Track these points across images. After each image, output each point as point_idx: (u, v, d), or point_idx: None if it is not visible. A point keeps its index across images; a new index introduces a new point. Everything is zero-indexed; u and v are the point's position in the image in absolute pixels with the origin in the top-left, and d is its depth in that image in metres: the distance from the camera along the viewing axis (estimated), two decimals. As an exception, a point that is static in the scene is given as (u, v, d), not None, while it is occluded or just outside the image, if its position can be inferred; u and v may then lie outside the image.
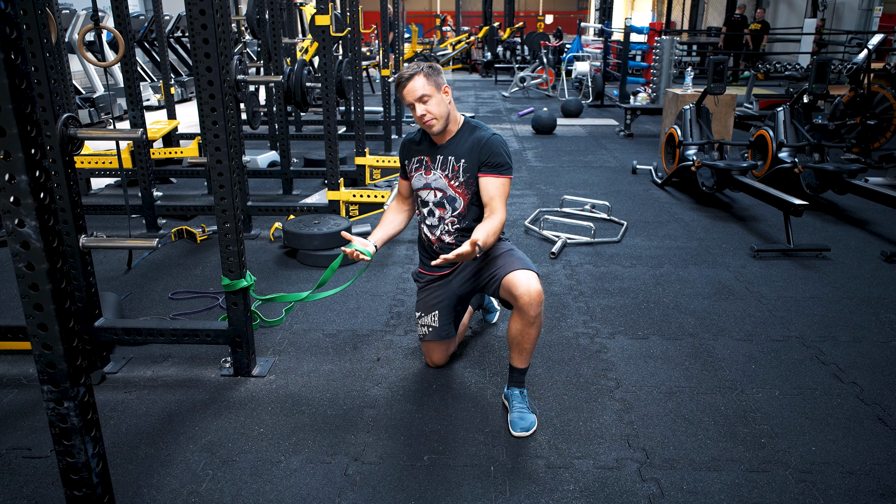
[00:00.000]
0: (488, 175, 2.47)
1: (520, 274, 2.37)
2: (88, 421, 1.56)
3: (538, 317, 2.34)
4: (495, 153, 2.47)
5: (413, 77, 2.42)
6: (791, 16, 16.87)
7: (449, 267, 2.64)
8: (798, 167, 4.97)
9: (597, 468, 2.17)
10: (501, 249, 2.56)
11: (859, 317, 3.26)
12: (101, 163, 5.28)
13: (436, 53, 17.23)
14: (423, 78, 2.41)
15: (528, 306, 2.32)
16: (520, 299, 2.33)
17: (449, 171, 2.53)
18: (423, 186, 2.60)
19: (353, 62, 6.11)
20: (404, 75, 2.44)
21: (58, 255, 1.42)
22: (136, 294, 3.53)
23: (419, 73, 2.42)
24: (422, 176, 2.60)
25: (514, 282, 2.36)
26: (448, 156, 2.53)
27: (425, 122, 2.47)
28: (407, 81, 2.42)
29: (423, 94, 2.41)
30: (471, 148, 2.49)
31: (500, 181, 2.48)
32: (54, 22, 2.60)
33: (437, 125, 2.47)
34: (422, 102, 2.42)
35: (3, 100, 1.27)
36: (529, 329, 2.36)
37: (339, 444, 2.28)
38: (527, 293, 2.31)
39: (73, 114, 2.36)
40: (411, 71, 2.44)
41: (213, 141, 2.41)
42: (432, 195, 2.59)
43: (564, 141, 8.12)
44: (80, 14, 8.61)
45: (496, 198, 2.46)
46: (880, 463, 2.19)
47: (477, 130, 2.53)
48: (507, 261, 2.47)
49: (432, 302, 2.69)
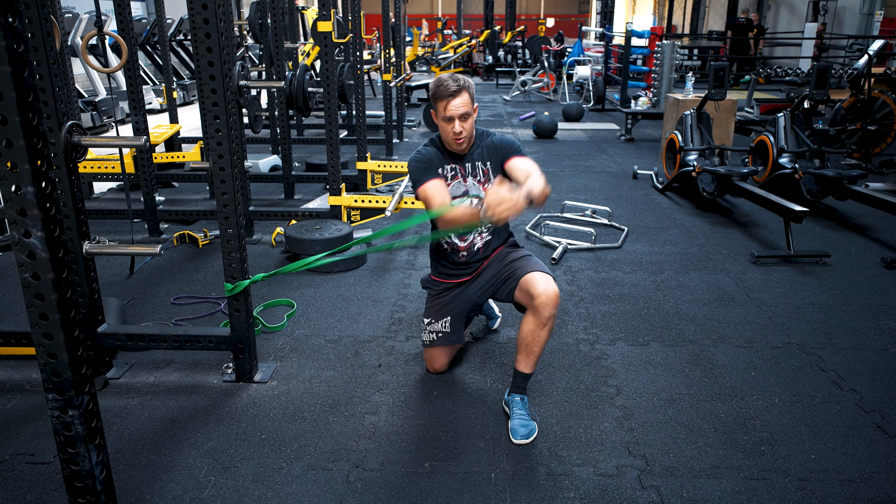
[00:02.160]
0: (514, 158, 2.50)
1: (538, 275, 2.41)
2: (93, 429, 1.57)
3: (551, 318, 2.36)
4: (509, 145, 2.54)
5: (460, 92, 2.35)
6: (792, 20, 16.89)
7: (468, 274, 2.67)
8: (798, 173, 4.97)
9: (597, 475, 2.18)
10: (518, 254, 2.60)
11: (859, 324, 3.27)
12: (103, 168, 5.30)
13: (437, 57, 17.26)
14: (468, 96, 2.38)
15: (543, 306, 2.34)
16: (537, 298, 2.35)
17: (481, 177, 2.58)
18: (462, 194, 2.60)
19: (354, 66, 6.13)
20: (450, 87, 2.35)
21: (63, 265, 1.44)
22: (138, 299, 3.55)
23: (465, 90, 2.36)
24: (460, 184, 2.60)
25: (532, 281, 2.39)
26: (476, 162, 2.57)
27: (458, 140, 2.45)
28: (454, 97, 2.35)
29: (465, 112, 2.39)
30: (489, 151, 2.56)
31: (523, 160, 2.50)
32: (58, 29, 2.61)
33: (463, 144, 2.49)
34: (462, 120, 2.40)
35: (11, 112, 1.29)
36: (541, 331, 2.37)
37: (341, 450, 2.30)
38: (544, 292, 2.34)
39: (76, 121, 2.37)
40: (458, 83, 2.36)
41: (217, 148, 2.42)
42: (468, 202, 2.58)
43: (565, 145, 8.14)
44: (82, 18, 8.63)
45: (532, 169, 2.39)
46: (879, 471, 2.19)
47: (485, 135, 2.59)
48: (525, 263, 2.52)
49: (446, 308, 2.70)
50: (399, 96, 8.27)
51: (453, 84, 2.37)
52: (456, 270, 2.69)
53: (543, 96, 12.69)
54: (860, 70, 6.28)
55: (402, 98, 8.42)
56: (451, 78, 2.40)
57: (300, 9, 9.79)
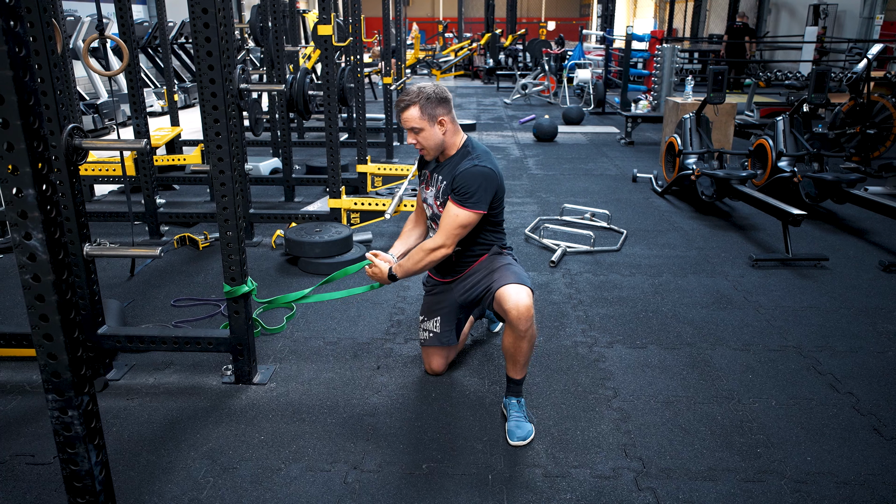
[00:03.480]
0: (450, 200, 2.46)
1: (510, 288, 2.37)
2: (92, 429, 1.58)
3: (528, 331, 2.35)
4: (465, 183, 2.40)
5: (408, 107, 2.42)
6: (792, 23, 16.92)
7: (451, 276, 2.68)
8: (797, 176, 4.99)
9: (593, 477, 2.19)
10: (500, 263, 2.58)
11: (857, 327, 3.28)
12: (104, 170, 5.32)
13: (438, 60, 17.29)
14: (418, 110, 2.41)
15: (516, 321, 2.33)
16: (509, 314, 2.34)
17: (436, 190, 2.58)
18: (423, 200, 2.70)
19: (354, 69, 6.16)
20: (401, 102, 2.44)
21: (63, 267, 1.45)
22: (138, 301, 3.56)
23: (415, 104, 2.41)
24: (423, 190, 2.69)
25: (504, 296, 2.37)
26: (439, 175, 2.57)
27: (417, 149, 2.54)
28: (402, 111, 2.44)
29: (413, 126, 2.45)
30: (452, 172, 2.49)
31: (455, 210, 2.42)
32: (60, 33, 2.63)
33: (427, 154, 2.54)
34: (413, 133, 2.47)
35: (12, 115, 1.30)
36: (520, 342, 2.37)
37: (339, 451, 2.31)
38: (515, 308, 2.33)
39: (77, 124, 2.39)
40: (409, 99, 2.42)
41: (216, 151, 2.44)
42: (428, 209, 2.68)
43: (565, 148, 8.15)
44: (84, 21, 8.66)
45: (443, 223, 2.45)
46: (875, 473, 2.20)
47: (467, 157, 2.48)
48: (502, 274, 2.48)
49: (435, 307, 2.73)
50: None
51: (404, 97, 2.44)
52: (442, 269, 2.71)
53: (544, 99, 12.72)
54: (860, 74, 6.29)
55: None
56: (407, 91, 2.45)
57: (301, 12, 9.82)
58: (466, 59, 18.02)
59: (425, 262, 2.49)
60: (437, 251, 2.46)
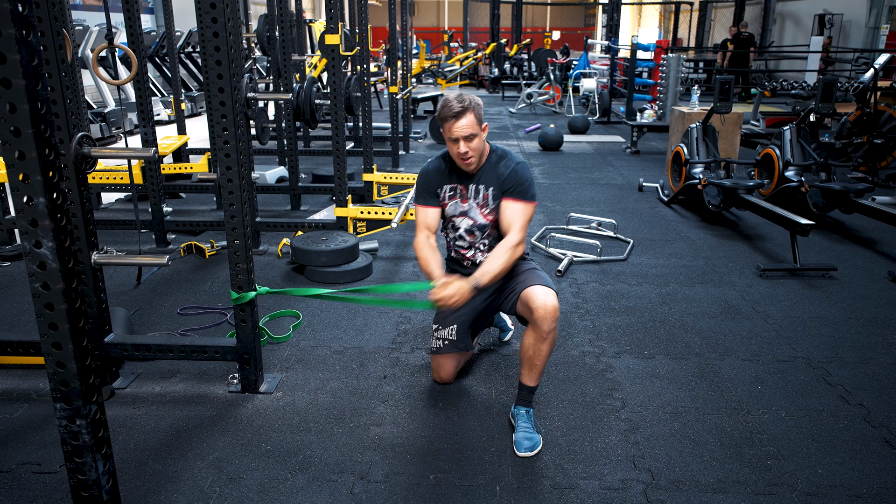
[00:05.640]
0: (509, 199, 2.51)
1: (538, 288, 2.42)
2: (100, 438, 1.58)
3: (551, 332, 2.36)
4: (519, 180, 2.52)
5: (465, 113, 2.36)
6: (798, 33, 16.93)
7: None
8: (805, 186, 4.97)
9: (602, 489, 2.17)
10: (524, 268, 2.61)
11: (866, 337, 3.26)
12: (112, 178, 5.33)
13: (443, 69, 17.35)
14: (473, 117, 2.38)
15: (542, 320, 2.34)
16: (535, 312, 2.36)
17: (480, 200, 2.59)
18: (459, 214, 2.64)
19: (361, 79, 6.18)
20: (454, 108, 2.36)
21: (73, 275, 1.45)
22: (145, 309, 3.56)
23: (470, 111, 2.37)
24: (457, 204, 2.64)
25: (531, 295, 2.40)
26: (479, 185, 2.57)
27: (465, 160, 2.48)
28: (457, 118, 2.37)
29: (469, 133, 2.40)
30: (498, 176, 2.53)
31: (521, 206, 2.51)
32: (70, 42, 2.65)
33: (474, 163, 2.51)
34: (467, 141, 2.42)
35: (24, 124, 1.30)
36: (541, 345, 2.38)
37: (346, 462, 2.30)
38: (542, 306, 2.35)
39: (86, 132, 2.40)
40: (462, 104, 2.36)
41: (225, 160, 2.44)
42: (466, 222, 2.64)
43: (571, 158, 8.15)
44: (93, 30, 8.73)
45: (515, 221, 2.49)
46: (887, 486, 2.18)
47: (504, 158, 2.57)
48: (528, 277, 2.53)
49: (451, 315, 2.70)
50: (405, 108, 8.32)
51: (457, 105, 2.37)
52: (466, 276, 2.68)
53: (549, 109, 12.73)
54: (866, 83, 6.29)
55: (408, 110, 8.46)
56: (457, 98, 2.40)
57: (308, 21, 9.87)
58: (471, 69, 18.08)
59: (512, 258, 2.46)
60: (519, 246, 2.48)
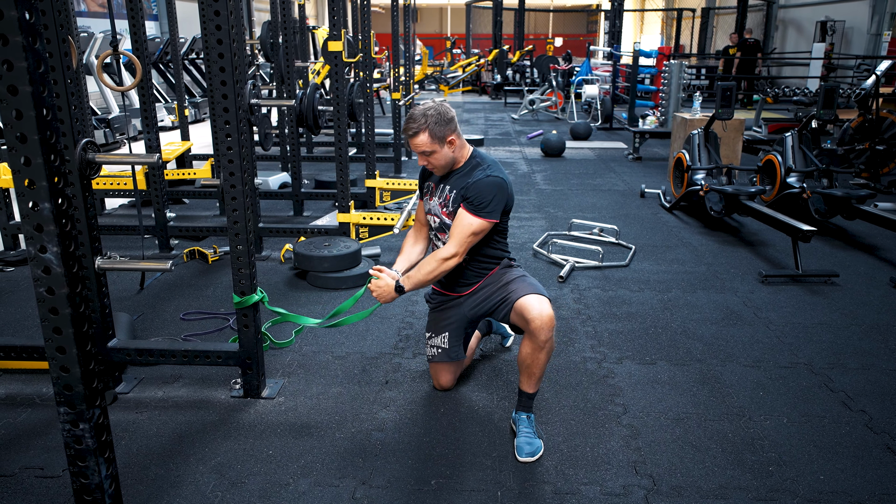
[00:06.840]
0: (463, 208, 2.48)
1: (532, 298, 2.40)
2: (103, 443, 1.58)
3: (548, 341, 2.36)
4: (479, 193, 2.44)
5: (417, 135, 2.43)
6: (800, 40, 16.95)
7: (466, 288, 2.67)
8: (807, 192, 4.98)
9: (603, 494, 2.17)
10: (513, 275, 2.59)
11: (868, 344, 3.26)
12: (115, 184, 5.36)
13: (446, 76, 17.41)
14: (427, 136, 2.42)
15: (538, 330, 2.34)
16: (531, 322, 2.35)
17: (443, 199, 2.59)
18: (428, 211, 2.69)
19: (364, 85, 6.20)
20: (409, 129, 2.44)
21: (77, 280, 1.46)
22: (148, 314, 3.58)
23: (423, 131, 2.42)
24: (428, 200, 2.69)
25: (526, 305, 2.39)
26: (446, 185, 2.58)
27: (429, 168, 2.59)
28: (411, 138, 2.45)
29: (425, 151, 2.47)
30: (465, 183, 2.50)
31: (469, 219, 2.44)
32: (75, 49, 2.66)
33: (438, 172, 2.58)
34: (424, 156, 2.49)
35: (30, 130, 1.32)
36: (539, 354, 2.38)
37: (348, 467, 2.30)
38: (538, 317, 2.34)
39: (90, 138, 2.41)
40: (416, 126, 2.42)
41: (228, 166, 2.46)
42: (433, 220, 2.66)
43: (573, 164, 8.17)
44: (97, 37, 8.78)
45: (455, 232, 2.47)
46: (889, 493, 2.18)
47: (478, 168, 2.52)
48: (519, 286, 2.50)
49: (443, 323, 2.72)
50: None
51: (412, 125, 2.44)
52: (451, 283, 2.70)
53: (552, 115, 12.76)
54: (868, 90, 6.30)
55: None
56: (417, 116, 2.44)
57: (311, 28, 9.92)
58: (474, 75, 18.13)
59: (438, 271, 2.48)
60: (450, 260, 2.46)
